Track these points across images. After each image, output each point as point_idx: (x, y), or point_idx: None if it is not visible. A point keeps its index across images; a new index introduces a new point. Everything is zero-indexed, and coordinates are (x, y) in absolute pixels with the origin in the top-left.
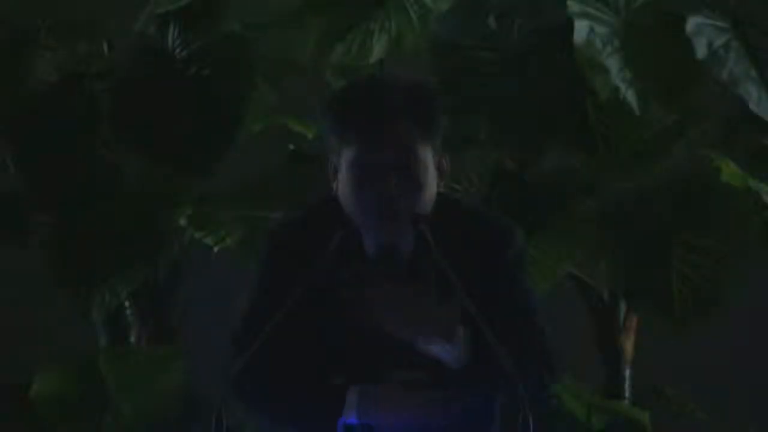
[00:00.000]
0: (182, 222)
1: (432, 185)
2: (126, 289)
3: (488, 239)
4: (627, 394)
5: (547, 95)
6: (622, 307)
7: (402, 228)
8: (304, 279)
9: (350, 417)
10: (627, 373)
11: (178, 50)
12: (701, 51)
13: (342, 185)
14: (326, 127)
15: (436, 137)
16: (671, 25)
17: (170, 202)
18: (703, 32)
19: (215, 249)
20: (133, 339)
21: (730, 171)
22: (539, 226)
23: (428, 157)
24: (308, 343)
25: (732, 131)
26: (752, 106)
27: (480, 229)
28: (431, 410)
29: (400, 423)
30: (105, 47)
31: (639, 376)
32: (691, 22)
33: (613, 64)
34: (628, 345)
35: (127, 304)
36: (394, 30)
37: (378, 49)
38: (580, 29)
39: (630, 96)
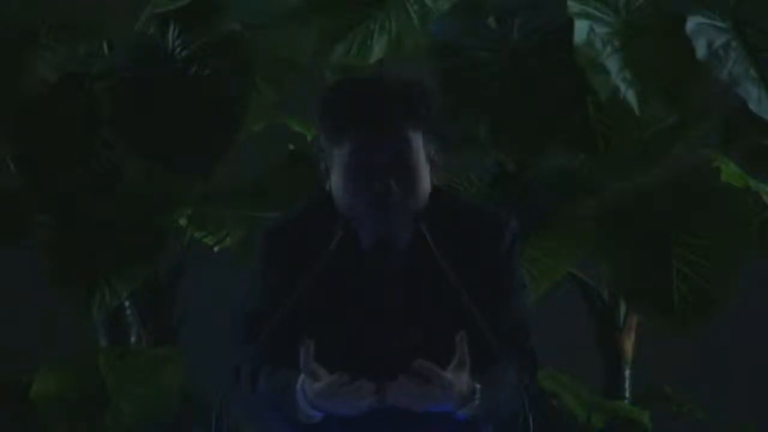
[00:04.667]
0: (182, 222)
1: (426, 179)
2: (126, 289)
3: (484, 231)
4: (627, 394)
5: (547, 95)
6: (622, 307)
7: (398, 223)
8: (302, 279)
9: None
10: (627, 373)
11: (178, 50)
12: (701, 51)
13: (336, 183)
14: (318, 126)
15: (429, 131)
16: (671, 25)
17: (170, 202)
18: (703, 32)
19: (215, 249)
20: (133, 339)
21: (730, 171)
22: (539, 226)
23: (421, 151)
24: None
25: (732, 131)
26: (752, 106)
27: (475, 221)
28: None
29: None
30: (105, 47)
31: (639, 376)
32: (691, 22)
33: (613, 64)
34: (628, 345)
35: (127, 304)
36: (394, 30)
37: (378, 49)
38: (580, 29)
39: (630, 96)
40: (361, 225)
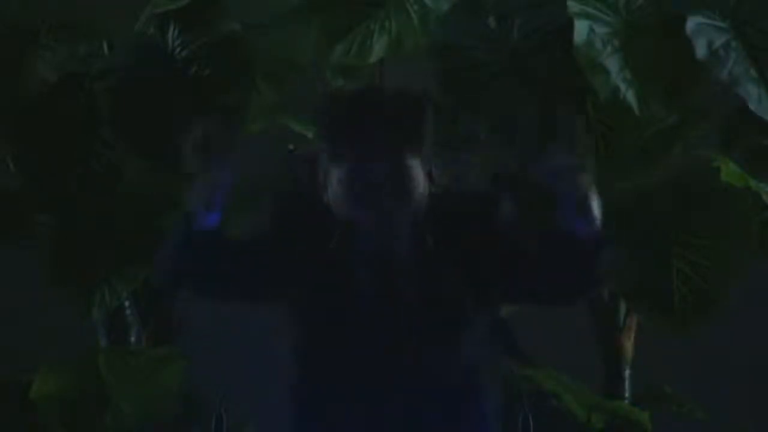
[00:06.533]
0: None
1: (423, 192)
2: (126, 289)
3: (475, 214)
4: (627, 394)
5: (547, 95)
6: (622, 307)
7: (395, 235)
8: (304, 274)
9: None
10: (627, 373)
11: (178, 50)
12: (701, 51)
13: (333, 197)
14: (317, 133)
15: (426, 147)
16: (671, 25)
17: (170, 202)
18: (703, 32)
19: None
20: (133, 339)
21: (730, 171)
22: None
23: (418, 167)
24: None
25: (732, 131)
26: (752, 106)
27: (470, 209)
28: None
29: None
30: (105, 47)
31: (639, 376)
32: (691, 22)
33: (613, 64)
34: (628, 345)
35: (127, 304)
36: (394, 30)
37: (378, 49)
38: (580, 29)
39: (630, 96)
40: (359, 235)
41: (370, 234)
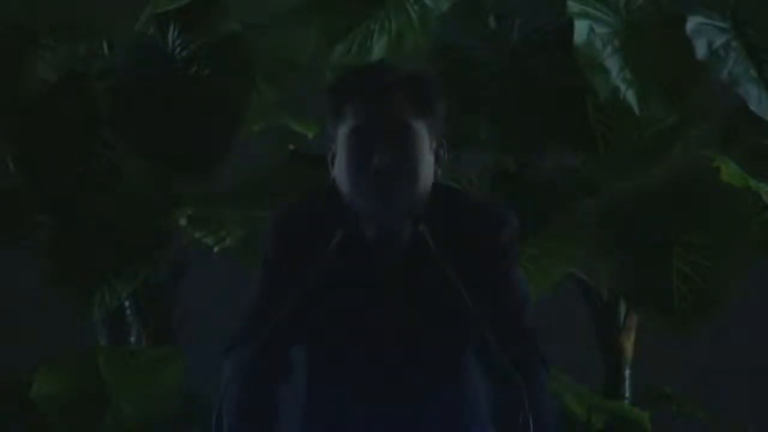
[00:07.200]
0: (182, 222)
1: (428, 169)
2: (126, 289)
3: (483, 226)
4: (627, 394)
5: (547, 95)
6: (622, 307)
7: (398, 208)
8: (306, 274)
9: None
10: (627, 373)
11: (178, 50)
12: (701, 51)
13: (338, 165)
14: (326, 111)
15: (434, 121)
16: (671, 25)
17: (170, 202)
18: (703, 32)
19: (215, 249)
20: (133, 339)
21: (730, 171)
22: (539, 226)
23: (423, 135)
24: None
25: (732, 131)
26: (752, 106)
27: (475, 216)
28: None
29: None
30: (105, 47)
31: (639, 376)
32: (691, 22)
33: (613, 64)
34: (628, 345)
35: (127, 304)
36: (394, 30)
37: (378, 49)
38: (580, 29)
39: (630, 96)
40: (362, 212)
41: (370, 208)
